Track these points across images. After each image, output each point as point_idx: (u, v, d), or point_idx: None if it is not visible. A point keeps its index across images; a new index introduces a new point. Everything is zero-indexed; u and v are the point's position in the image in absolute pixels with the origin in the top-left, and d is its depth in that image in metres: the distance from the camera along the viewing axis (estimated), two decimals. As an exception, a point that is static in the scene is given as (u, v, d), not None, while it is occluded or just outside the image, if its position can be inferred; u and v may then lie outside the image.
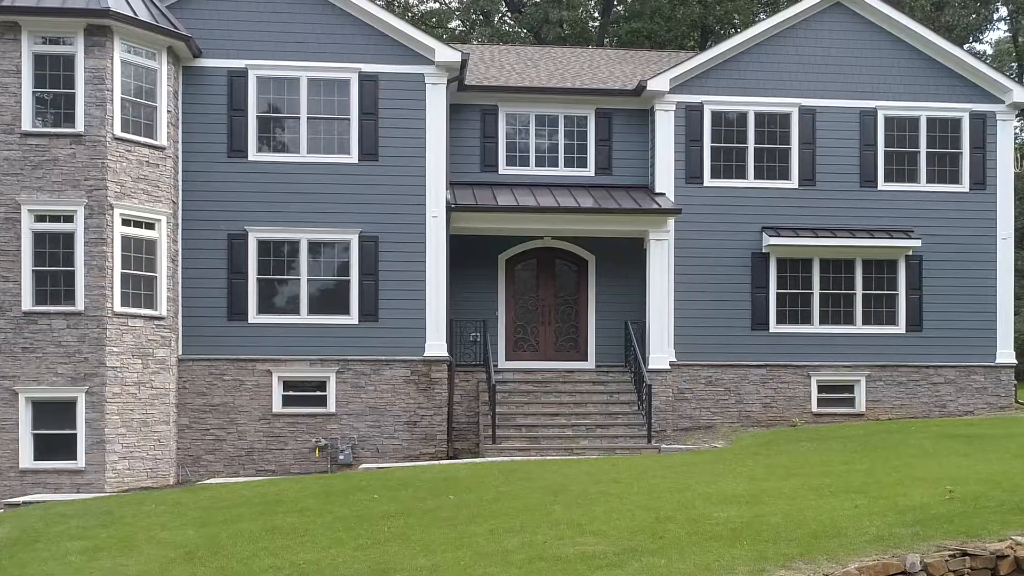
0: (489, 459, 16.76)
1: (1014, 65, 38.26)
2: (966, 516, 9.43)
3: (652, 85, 20.06)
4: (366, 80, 18.71)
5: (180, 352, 18.19)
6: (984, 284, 20.85)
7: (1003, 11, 35.34)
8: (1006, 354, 20.85)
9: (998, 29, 36.64)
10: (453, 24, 43.85)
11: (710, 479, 12.55)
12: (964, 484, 11.13)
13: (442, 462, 17.01)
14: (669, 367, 19.62)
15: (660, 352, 19.58)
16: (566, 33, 40.80)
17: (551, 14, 36.84)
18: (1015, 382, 21.05)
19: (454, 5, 41.72)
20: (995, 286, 20.88)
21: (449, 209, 18.80)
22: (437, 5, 43.62)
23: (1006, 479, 11.26)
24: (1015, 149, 21.50)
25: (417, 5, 44.89)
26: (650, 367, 19.39)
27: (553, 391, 19.18)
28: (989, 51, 42.75)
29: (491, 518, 10.72)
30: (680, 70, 20.24)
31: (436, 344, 18.66)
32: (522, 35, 40.84)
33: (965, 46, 39.64)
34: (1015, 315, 29.00)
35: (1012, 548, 8.40)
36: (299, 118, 18.64)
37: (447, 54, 18.67)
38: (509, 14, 42.37)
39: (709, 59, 20.46)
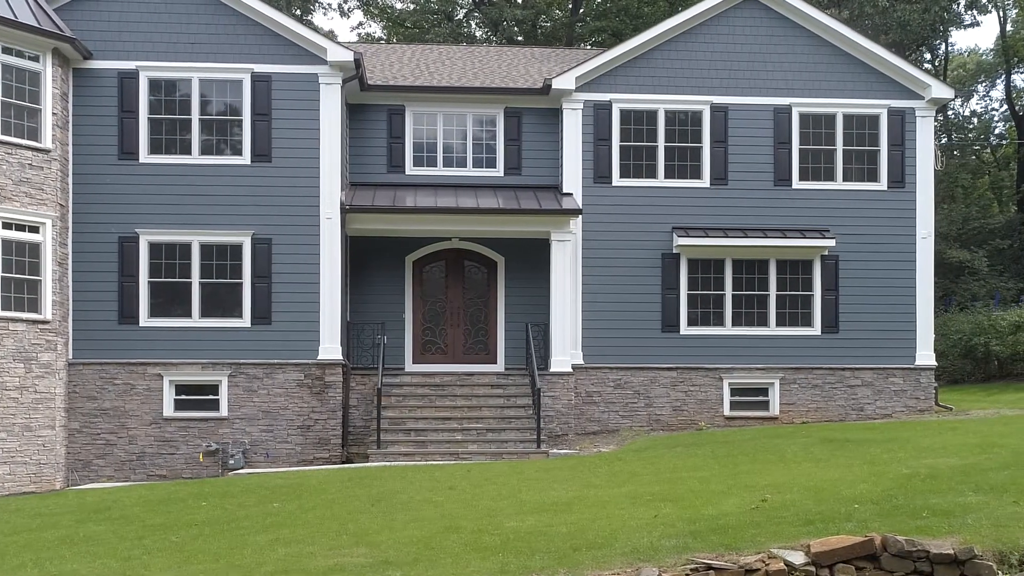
0: (372, 464, 16.52)
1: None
2: (749, 527, 9.08)
3: (558, 83, 19.71)
4: (259, 80, 18.49)
5: (70, 356, 18.02)
6: (903, 284, 20.31)
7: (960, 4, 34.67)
8: (926, 356, 20.29)
9: (962, 27, 35.92)
10: (427, 24, 43.62)
11: (545, 486, 12.25)
12: (786, 492, 10.78)
13: (318, 467, 16.81)
14: (572, 370, 19.22)
15: (562, 355, 19.17)
16: (543, 32, 40.44)
17: (505, 12, 36.49)
18: (936, 384, 20.47)
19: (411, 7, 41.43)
20: (915, 286, 20.34)
21: (344, 210, 18.55)
22: (414, 6, 43.40)
23: (831, 487, 10.89)
24: (935, 146, 20.86)
25: (392, 6, 44.81)
26: (552, 370, 19.04)
27: (450, 395, 18.84)
28: (962, 48, 42.08)
29: (288, 527, 10.48)
30: (587, 67, 19.87)
31: (330, 347, 18.40)
32: (478, 35, 40.56)
33: (935, 41, 39.04)
34: (961, 312, 28.48)
35: (764, 562, 8.04)
36: (191, 119, 18.45)
37: (340, 54, 18.42)
38: (469, 12, 42.04)
39: (617, 56, 20.06)
